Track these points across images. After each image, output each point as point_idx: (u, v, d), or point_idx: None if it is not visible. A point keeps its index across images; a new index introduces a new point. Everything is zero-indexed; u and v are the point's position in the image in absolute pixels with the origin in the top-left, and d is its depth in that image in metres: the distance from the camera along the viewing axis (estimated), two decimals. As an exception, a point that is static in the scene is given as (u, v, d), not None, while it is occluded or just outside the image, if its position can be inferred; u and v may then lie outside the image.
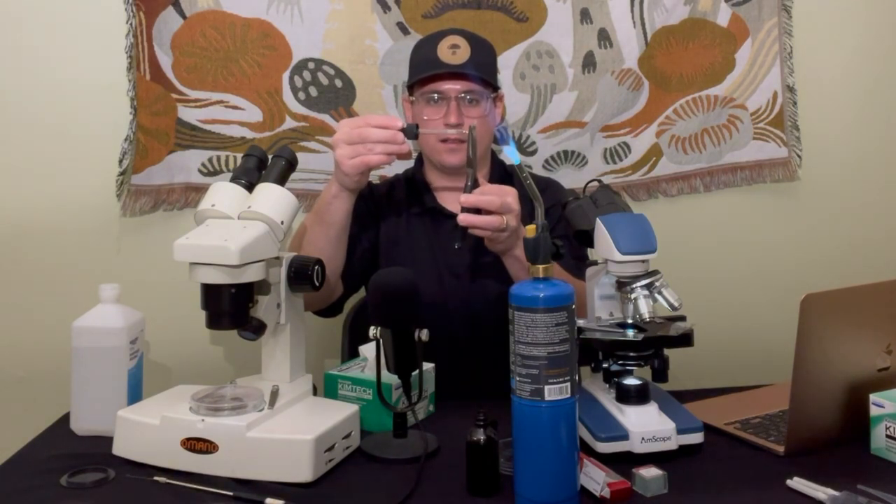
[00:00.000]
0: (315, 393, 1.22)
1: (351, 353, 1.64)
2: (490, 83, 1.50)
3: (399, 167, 1.67)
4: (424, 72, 1.47)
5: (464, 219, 1.24)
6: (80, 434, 1.21)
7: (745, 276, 2.00)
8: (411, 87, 1.53)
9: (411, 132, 1.30)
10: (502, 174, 1.59)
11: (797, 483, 0.98)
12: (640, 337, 1.11)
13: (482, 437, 0.98)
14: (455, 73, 1.45)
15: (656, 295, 1.14)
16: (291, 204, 1.18)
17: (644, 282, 1.13)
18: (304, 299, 1.24)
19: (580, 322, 1.15)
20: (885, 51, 2.03)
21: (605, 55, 1.89)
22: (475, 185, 1.28)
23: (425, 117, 1.48)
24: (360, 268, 1.50)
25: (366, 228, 1.53)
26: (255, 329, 1.14)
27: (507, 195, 1.25)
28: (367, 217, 1.54)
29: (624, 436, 1.06)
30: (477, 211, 1.25)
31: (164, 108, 1.75)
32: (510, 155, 1.07)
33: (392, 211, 1.58)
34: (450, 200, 1.56)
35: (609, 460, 1.02)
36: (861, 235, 2.03)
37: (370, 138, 1.28)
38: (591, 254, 1.30)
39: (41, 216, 1.74)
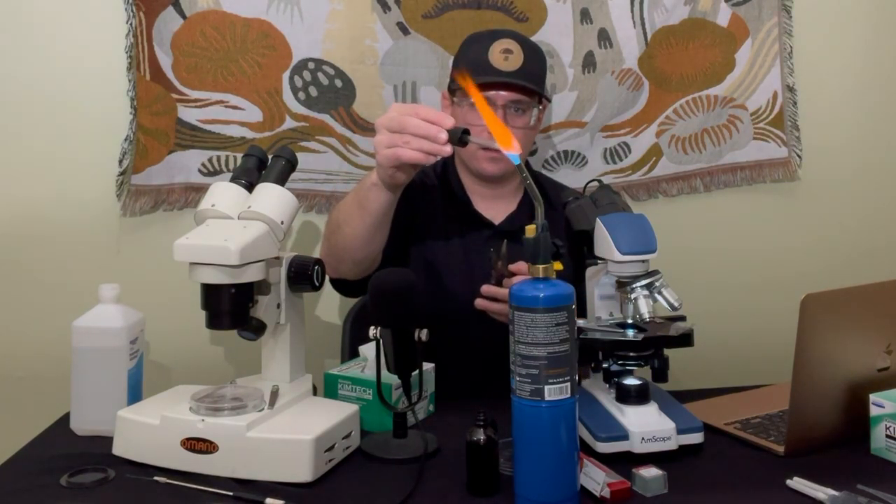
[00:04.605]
0: (315, 393, 1.22)
1: (351, 353, 1.63)
2: (539, 93, 1.44)
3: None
4: (475, 77, 1.33)
5: (481, 304, 1.31)
6: (80, 434, 1.21)
7: (745, 276, 2.00)
8: (453, 86, 1.46)
9: (456, 136, 1.12)
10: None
11: (797, 483, 0.98)
12: (640, 337, 1.11)
13: (482, 437, 0.98)
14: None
15: (656, 295, 1.14)
16: (291, 204, 1.18)
17: (644, 282, 1.13)
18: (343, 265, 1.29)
19: (580, 322, 1.15)
20: (886, 50, 2.03)
21: (605, 55, 1.89)
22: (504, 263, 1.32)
23: (468, 122, 1.41)
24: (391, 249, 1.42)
25: (398, 217, 1.41)
26: (255, 329, 1.14)
27: None
28: (402, 205, 1.41)
29: (624, 436, 1.06)
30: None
31: (164, 108, 1.75)
32: (510, 155, 1.06)
33: (426, 208, 1.51)
34: (484, 207, 1.52)
35: (609, 460, 1.02)
36: (861, 235, 2.03)
37: (408, 129, 1.13)
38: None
39: (41, 216, 1.74)
